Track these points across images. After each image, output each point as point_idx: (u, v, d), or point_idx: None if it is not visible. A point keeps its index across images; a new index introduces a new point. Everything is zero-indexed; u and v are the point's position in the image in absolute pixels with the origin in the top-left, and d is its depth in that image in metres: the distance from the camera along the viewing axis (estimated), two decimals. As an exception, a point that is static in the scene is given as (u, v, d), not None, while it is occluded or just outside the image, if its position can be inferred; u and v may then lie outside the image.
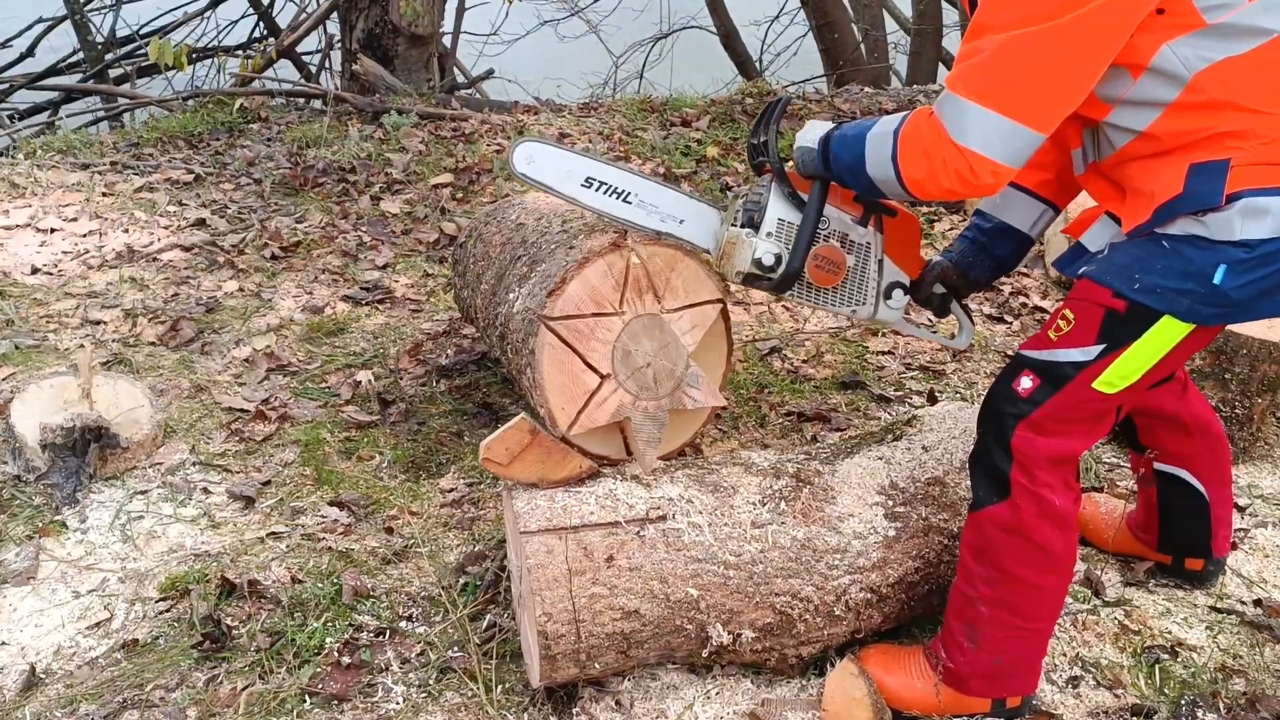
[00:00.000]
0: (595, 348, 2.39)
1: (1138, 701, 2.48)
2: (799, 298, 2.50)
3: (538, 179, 2.48)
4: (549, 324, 2.36)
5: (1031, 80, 1.96)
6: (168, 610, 2.75)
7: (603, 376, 2.41)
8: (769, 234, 2.40)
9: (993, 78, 1.97)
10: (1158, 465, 2.71)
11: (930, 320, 3.67)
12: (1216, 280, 1.99)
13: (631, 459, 2.53)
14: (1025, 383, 2.20)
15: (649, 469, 2.49)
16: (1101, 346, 2.12)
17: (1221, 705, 2.45)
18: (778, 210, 2.40)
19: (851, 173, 2.25)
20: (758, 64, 11.37)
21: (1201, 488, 2.68)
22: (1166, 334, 2.09)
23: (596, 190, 2.48)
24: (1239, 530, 3.04)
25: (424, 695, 2.48)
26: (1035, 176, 2.47)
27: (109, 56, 9.94)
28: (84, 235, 4.83)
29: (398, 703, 2.46)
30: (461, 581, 2.81)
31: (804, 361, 3.97)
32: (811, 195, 2.37)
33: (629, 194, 2.49)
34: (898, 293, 2.54)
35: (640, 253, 2.40)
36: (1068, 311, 2.18)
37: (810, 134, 2.35)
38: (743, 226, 2.45)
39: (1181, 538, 2.79)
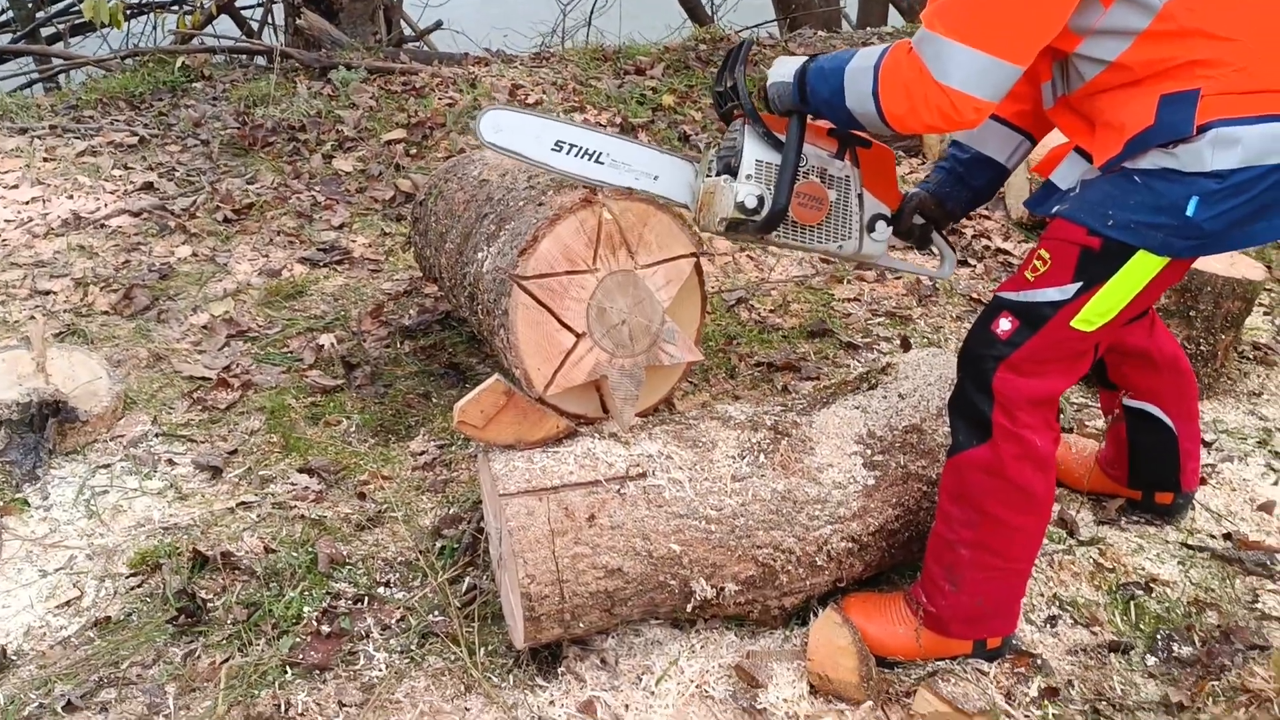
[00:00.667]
0: (569, 306, 2.36)
1: (1114, 638, 2.51)
2: (784, 238, 2.47)
3: (507, 147, 2.44)
4: (522, 283, 2.32)
5: (1009, 14, 1.94)
6: (139, 586, 2.70)
7: (578, 335, 2.38)
8: (749, 176, 2.37)
9: (970, 14, 1.95)
10: (1126, 401, 2.74)
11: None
12: (1189, 212, 2.00)
13: (609, 417, 2.51)
14: (1004, 324, 2.20)
15: (627, 427, 2.47)
16: (1078, 285, 2.12)
17: (1196, 638, 2.49)
18: (755, 152, 2.37)
19: (829, 106, 2.22)
20: (708, 9, 11.22)
21: (1169, 422, 2.71)
22: (1142, 269, 2.09)
23: (567, 153, 2.44)
24: (1206, 465, 3.08)
25: (407, 661, 2.46)
26: (1012, 107, 2.45)
27: (40, 15, 9.61)
28: (26, 203, 4.68)
29: (380, 670, 2.43)
30: (438, 545, 2.79)
31: (771, 311, 3.96)
32: (790, 130, 2.34)
33: (600, 154, 2.46)
34: (881, 225, 2.52)
35: (612, 208, 2.36)
36: (1043, 251, 2.17)
37: (784, 69, 2.31)
38: (720, 174, 2.41)
39: (1151, 472, 2.82)
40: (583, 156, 2.44)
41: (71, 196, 4.74)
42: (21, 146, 5.19)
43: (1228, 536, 2.84)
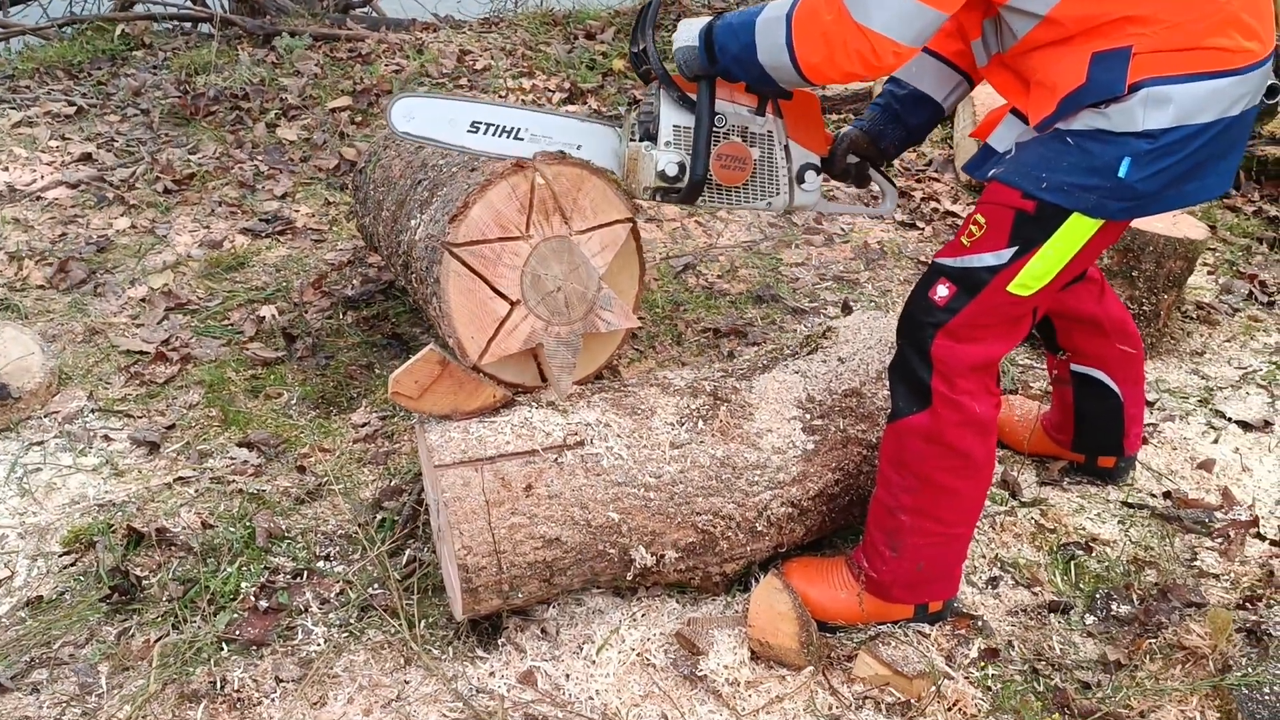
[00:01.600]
0: (503, 273, 2.32)
1: (1054, 598, 2.53)
2: (711, 202, 2.44)
3: (421, 134, 2.40)
4: (453, 250, 2.27)
5: None
6: (73, 564, 2.65)
7: (512, 303, 2.34)
8: (667, 143, 2.34)
9: None
10: (1074, 366, 2.74)
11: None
12: (1121, 174, 1.98)
13: (547, 386, 2.48)
14: (941, 291, 2.18)
15: (564, 395, 2.44)
16: (1014, 249, 2.11)
17: (1134, 596, 2.51)
18: (671, 117, 2.34)
19: (740, 63, 2.18)
20: (662, -27, 11.11)
21: (1116, 388, 2.71)
22: (1076, 231, 2.08)
23: (485, 133, 2.41)
24: (1148, 425, 3.10)
25: (345, 635, 2.43)
26: (951, 46, 2.41)
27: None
28: (-40, 175, 4.57)
29: (319, 644, 2.41)
30: (379, 518, 2.76)
31: (719, 277, 3.94)
32: (700, 95, 2.30)
33: (518, 130, 2.42)
34: (810, 174, 2.49)
35: (545, 173, 2.32)
36: (979, 216, 2.16)
37: (687, 32, 2.26)
38: (641, 140, 2.38)
39: (1096, 437, 2.83)
40: (501, 135, 2.41)
41: (6, 169, 4.63)
42: (-46, 118, 5.06)
43: (1168, 495, 2.86)
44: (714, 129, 2.34)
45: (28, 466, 2.96)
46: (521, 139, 2.42)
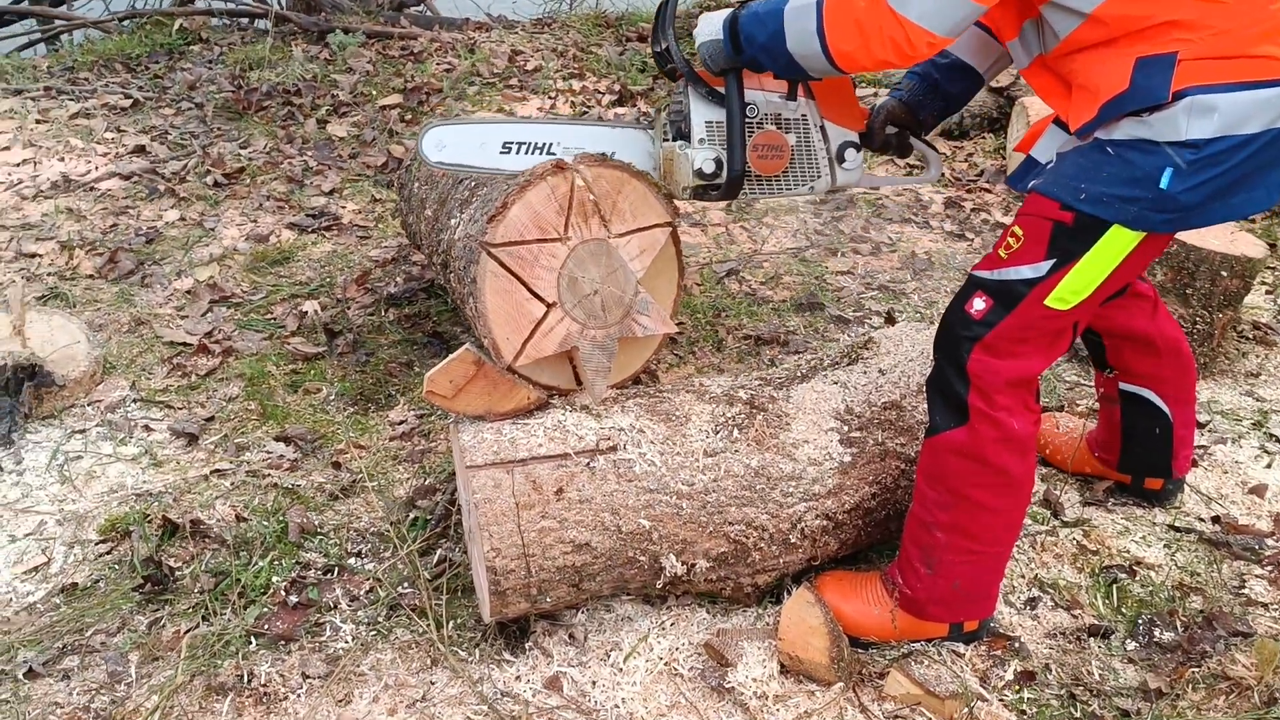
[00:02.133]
0: (540, 275, 2.30)
1: (1095, 621, 2.46)
2: (754, 193, 2.41)
3: (455, 163, 2.40)
4: (490, 250, 2.26)
5: None
6: (108, 553, 2.67)
7: (548, 305, 2.32)
8: (701, 140, 2.31)
9: None
10: (1123, 385, 2.67)
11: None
12: (1164, 185, 1.92)
13: (581, 389, 2.46)
14: (978, 304, 2.13)
15: (599, 399, 2.42)
16: (1052, 261, 2.05)
17: (1178, 623, 2.43)
18: (702, 113, 2.31)
19: (768, 51, 2.14)
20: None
21: (1166, 408, 2.64)
22: (1117, 244, 2.01)
23: (518, 153, 2.42)
24: (1199, 447, 3.02)
25: (373, 633, 2.43)
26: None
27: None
28: (17, 165, 4.64)
29: (346, 641, 2.40)
30: (411, 516, 2.75)
31: (762, 283, 3.90)
32: (728, 87, 2.27)
33: (550, 145, 2.43)
34: (850, 152, 2.45)
35: (585, 174, 2.30)
36: (1017, 228, 2.10)
37: (710, 25, 2.22)
38: (675, 140, 2.35)
39: (1143, 458, 2.76)
40: (534, 152, 2.42)
41: (63, 159, 4.71)
42: (15, 108, 5.15)
43: (1216, 520, 2.78)
44: (746, 120, 2.30)
45: (69, 454, 2.99)
46: (554, 153, 2.42)
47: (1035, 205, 2.07)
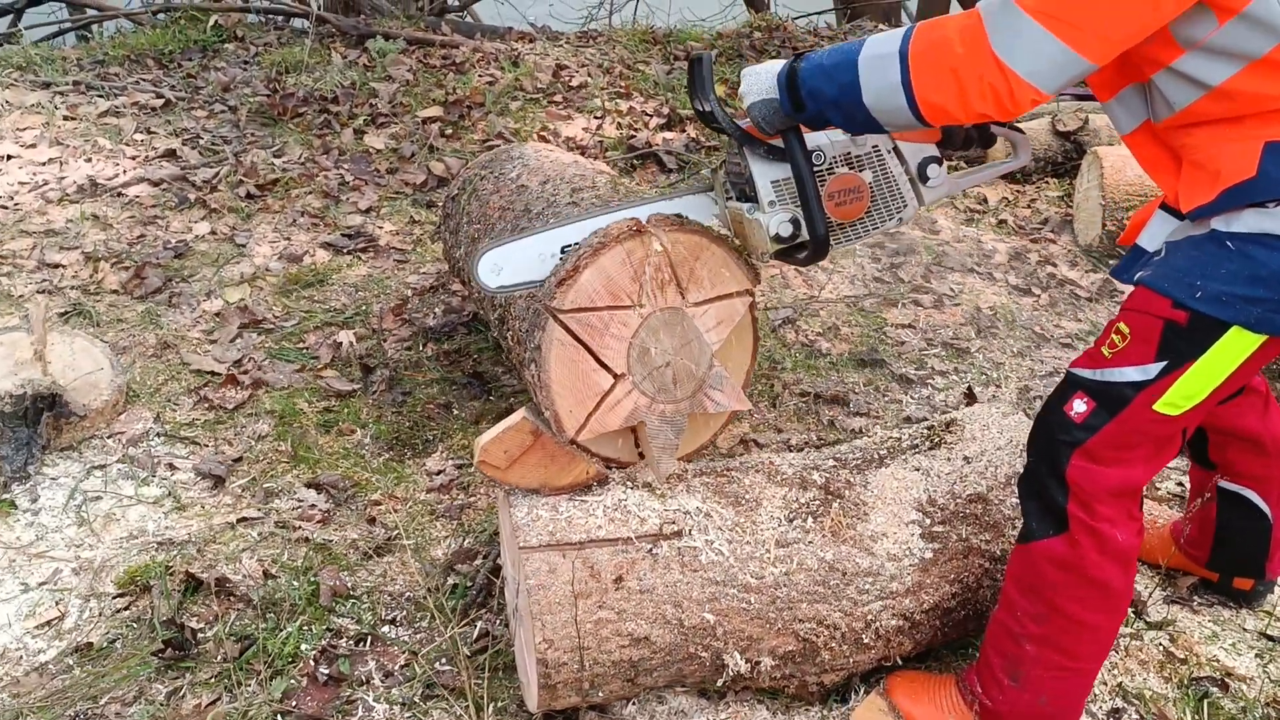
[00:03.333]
0: (609, 344, 2.11)
1: (1185, 740, 2.28)
2: (840, 243, 2.20)
3: (514, 283, 2.18)
4: (559, 317, 2.08)
5: (1112, 9, 1.67)
6: (126, 609, 2.50)
7: (616, 376, 2.14)
8: (771, 203, 2.10)
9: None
10: (1223, 483, 2.48)
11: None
12: None
13: (644, 462, 2.28)
14: (1079, 406, 1.94)
15: (664, 477, 2.24)
16: (1163, 364, 1.86)
17: (1275, 746, 2.25)
18: (765, 174, 2.10)
19: (839, 108, 1.90)
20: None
21: (1268, 510, 2.45)
22: (1236, 347, 1.82)
23: None
24: (1290, 542, 2.83)
25: (409, 714, 2.26)
26: None
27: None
28: (43, 164, 4.48)
29: (380, 723, 2.23)
30: (450, 582, 2.58)
31: (819, 334, 3.71)
32: (789, 146, 2.05)
33: None
34: (932, 168, 2.23)
35: (663, 239, 2.12)
36: (1122, 325, 1.91)
37: (759, 83, 1.99)
38: (741, 200, 2.16)
39: (1235, 558, 2.57)
40: None
41: (90, 160, 4.54)
42: (43, 103, 4.98)
43: (1312, 628, 2.59)
44: (815, 169, 2.10)
45: (88, 494, 2.82)
46: None
47: (1144, 301, 1.88)
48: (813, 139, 2.11)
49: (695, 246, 2.16)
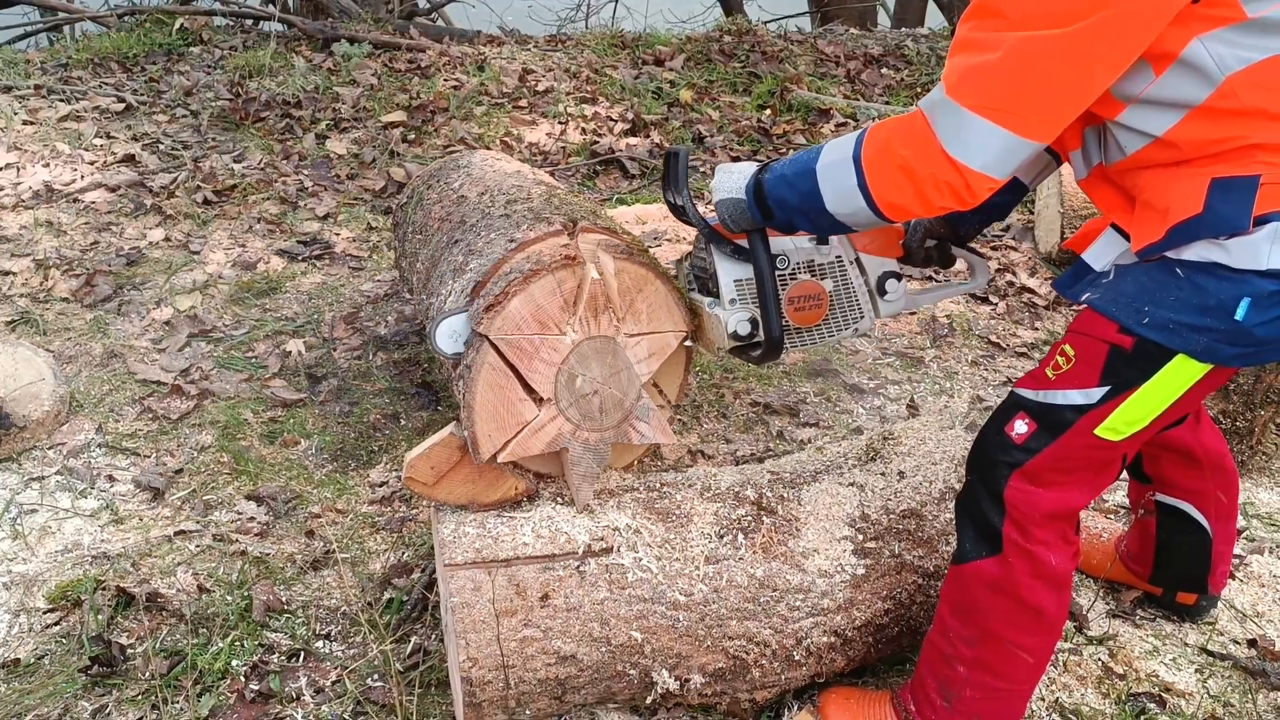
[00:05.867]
0: (538, 369, 2.08)
1: (1120, 758, 2.26)
2: (794, 346, 2.22)
3: None
4: (490, 339, 2.04)
5: (1047, 91, 1.66)
6: (56, 624, 2.47)
7: (542, 401, 2.11)
8: (731, 301, 2.11)
9: (1005, 89, 1.66)
10: (1160, 497, 2.46)
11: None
12: (1239, 316, 1.71)
13: (573, 480, 2.25)
14: (1020, 427, 1.92)
15: (583, 506, 2.21)
16: (1106, 389, 1.84)
17: (1211, 764, 2.24)
18: (729, 272, 2.12)
19: (804, 214, 1.94)
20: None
21: (1206, 524, 2.44)
22: (1180, 375, 1.81)
23: None
24: (1234, 556, 2.81)
25: (337, 733, 2.23)
26: None
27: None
28: (0, 169, 4.44)
29: (307, 742, 2.21)
30: (386, 596, 2.55)
31: (773, 343, 3.68)
32: (753, 249, 2.07)
33: None
34: (891, 282, 2.26)
35: (605, 266, 2.08)
36: (1067, 347, 1.90)
37: (730, 182, 2.02)
38: (702, 294, 2.16)
39: (1177, 572, 2.56)
40: None
41: (48, 165, 4.51)
42: (3, 107, 4.94)
43: (1253, 643, 2.58)
44: (778, 272, 2.11)
45: (23, 506, 2.79)
46: None
47: (1090, 324, 1.86)
48: (778, 244, 2.13)
49: (640, 279, 2.13)
